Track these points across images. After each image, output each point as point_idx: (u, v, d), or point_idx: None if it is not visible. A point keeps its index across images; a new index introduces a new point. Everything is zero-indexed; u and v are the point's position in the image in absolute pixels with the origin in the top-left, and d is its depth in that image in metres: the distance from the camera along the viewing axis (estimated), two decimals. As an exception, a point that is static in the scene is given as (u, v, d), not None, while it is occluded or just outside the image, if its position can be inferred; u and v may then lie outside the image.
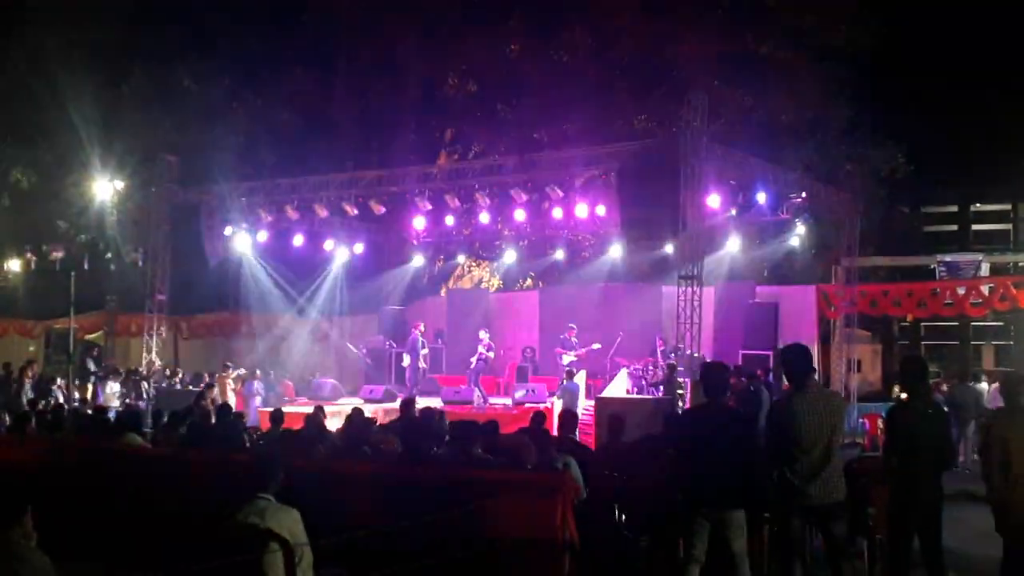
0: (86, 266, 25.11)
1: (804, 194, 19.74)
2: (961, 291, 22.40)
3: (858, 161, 23.73)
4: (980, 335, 30.56)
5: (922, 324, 29.67)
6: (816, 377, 7.50)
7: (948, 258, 24.67)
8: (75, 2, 25.20)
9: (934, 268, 24.95)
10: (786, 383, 6.87)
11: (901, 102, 27.44)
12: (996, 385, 17.40)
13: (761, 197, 18.92)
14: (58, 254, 25.90)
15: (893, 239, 27.56)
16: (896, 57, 27.23)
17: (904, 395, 7.24)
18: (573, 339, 20.01)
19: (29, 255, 27.56)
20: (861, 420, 19.40)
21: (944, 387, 17.75)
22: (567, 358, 19.65)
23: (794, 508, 6.45)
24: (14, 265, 27.79)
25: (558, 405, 16.84)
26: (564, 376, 17.90)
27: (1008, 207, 34.59)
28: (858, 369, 24.09)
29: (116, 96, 26.01)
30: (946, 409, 7.81)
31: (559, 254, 25.91)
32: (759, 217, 20.63)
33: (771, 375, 17.45)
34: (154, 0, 26.81)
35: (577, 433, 10.16)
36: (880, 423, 16.05)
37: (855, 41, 25.83)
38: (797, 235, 22.15)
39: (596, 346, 19.92)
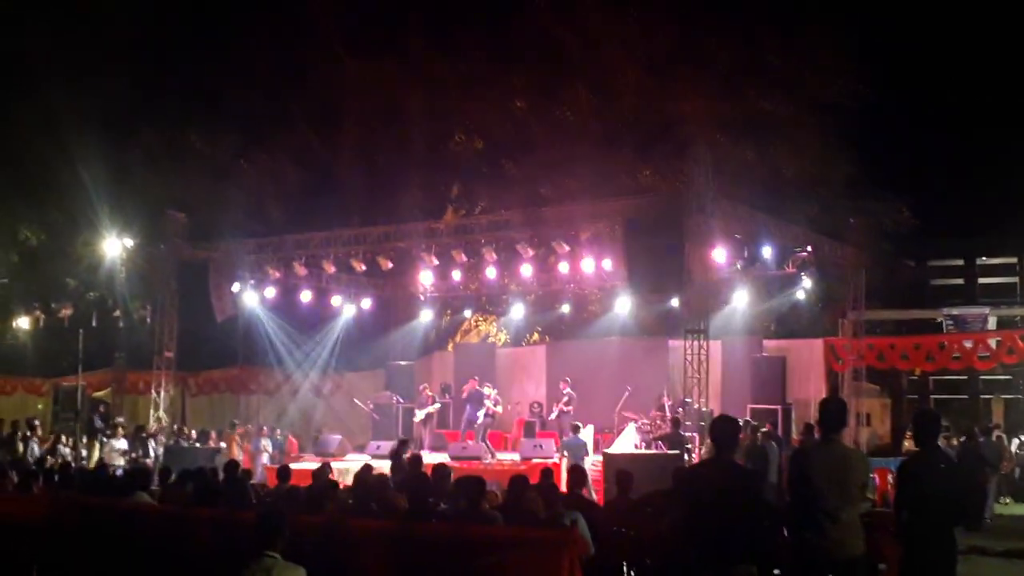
0: (94, 323, 25.13)
1: (809, 248, 19.78)
2: (968, 344, 22.39)
3: (863, 214, 23.75)
4: (989, 388, 30.34)
5: (931, 378, 29.44)
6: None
7: (955, 311, 24.67)
8: (84, 62, 25.51)
9: (941, 321, 24.93)
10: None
11: (906, 155, 27.55)
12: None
13: (766, 251, 19.00)
14: (67, 311, 25.98)
15: (899, 292, 27.43)
16: (900, 110, 27.41)
17: (916, 449, 7.17)
18: (565, 392, 20.04)
19: (38, 312, 27.66)
20: (871, 475, 19.25)
21: (953, 442, 17.63)
22: (555, 413, 19.90)
23: (807, 563, 6.38)
24: (23, 322, 27.90)
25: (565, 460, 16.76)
26: (569, 430, 17.83)
27: (1014, 260, 34.49)
28: (867, 423, 23.92)
29: (124, 154, 26.18)
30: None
31: (566, 308, 25.92)
32: (765, 271, 20.67)
33: (779, 429, 17.37)
34: (161, 60, 27.14)
35: (592, 493, 10.10)
36: (891, 478, 15.94)
37: (854, 94, 25.96)
38: (803, 289, 22.03)
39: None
